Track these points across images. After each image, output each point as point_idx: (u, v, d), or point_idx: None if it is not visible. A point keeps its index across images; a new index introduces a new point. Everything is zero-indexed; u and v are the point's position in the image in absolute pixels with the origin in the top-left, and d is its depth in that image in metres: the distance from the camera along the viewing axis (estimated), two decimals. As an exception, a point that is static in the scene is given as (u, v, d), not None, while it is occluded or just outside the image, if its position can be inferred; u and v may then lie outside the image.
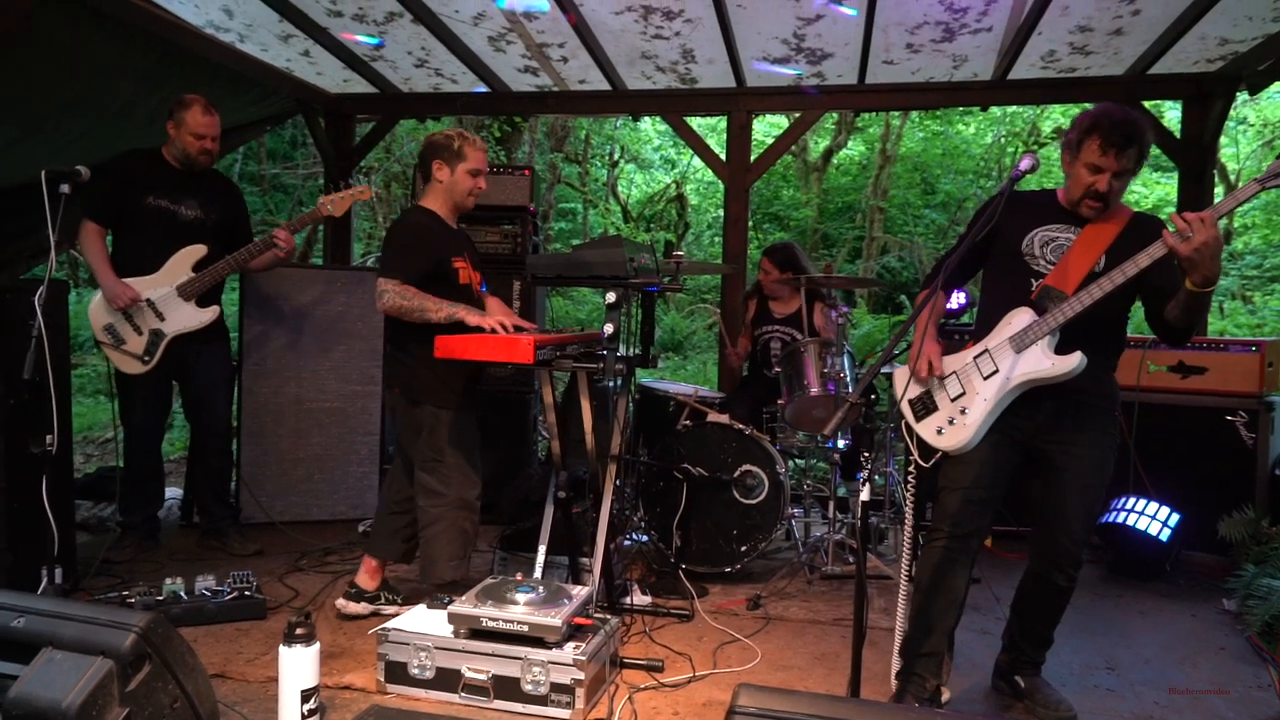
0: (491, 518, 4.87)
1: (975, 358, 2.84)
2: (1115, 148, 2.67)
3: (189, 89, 4.38)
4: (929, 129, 13.06)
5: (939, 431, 2.83)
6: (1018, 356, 2.74)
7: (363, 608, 3.62)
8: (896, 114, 11.55)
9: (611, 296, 3.15)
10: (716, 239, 14.00)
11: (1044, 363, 2.69)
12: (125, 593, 3.45)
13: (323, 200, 4.15)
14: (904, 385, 2.95)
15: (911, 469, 2.92)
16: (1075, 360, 2.65)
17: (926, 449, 2.86)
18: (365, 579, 3.66)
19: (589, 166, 13.85)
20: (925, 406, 2.90)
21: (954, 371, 2.86)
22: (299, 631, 2.62)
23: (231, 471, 4.64)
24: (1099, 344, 2.76)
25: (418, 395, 3.47)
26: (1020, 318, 2.78)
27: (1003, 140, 12.06)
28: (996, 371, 2.77)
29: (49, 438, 3.03)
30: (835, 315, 4.35)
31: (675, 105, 5.82)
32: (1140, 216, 2.85)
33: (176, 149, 4.21)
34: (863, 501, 2.59)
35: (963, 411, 2.80)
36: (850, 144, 13.28)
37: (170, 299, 4.13)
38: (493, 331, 3.20)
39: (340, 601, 3.64)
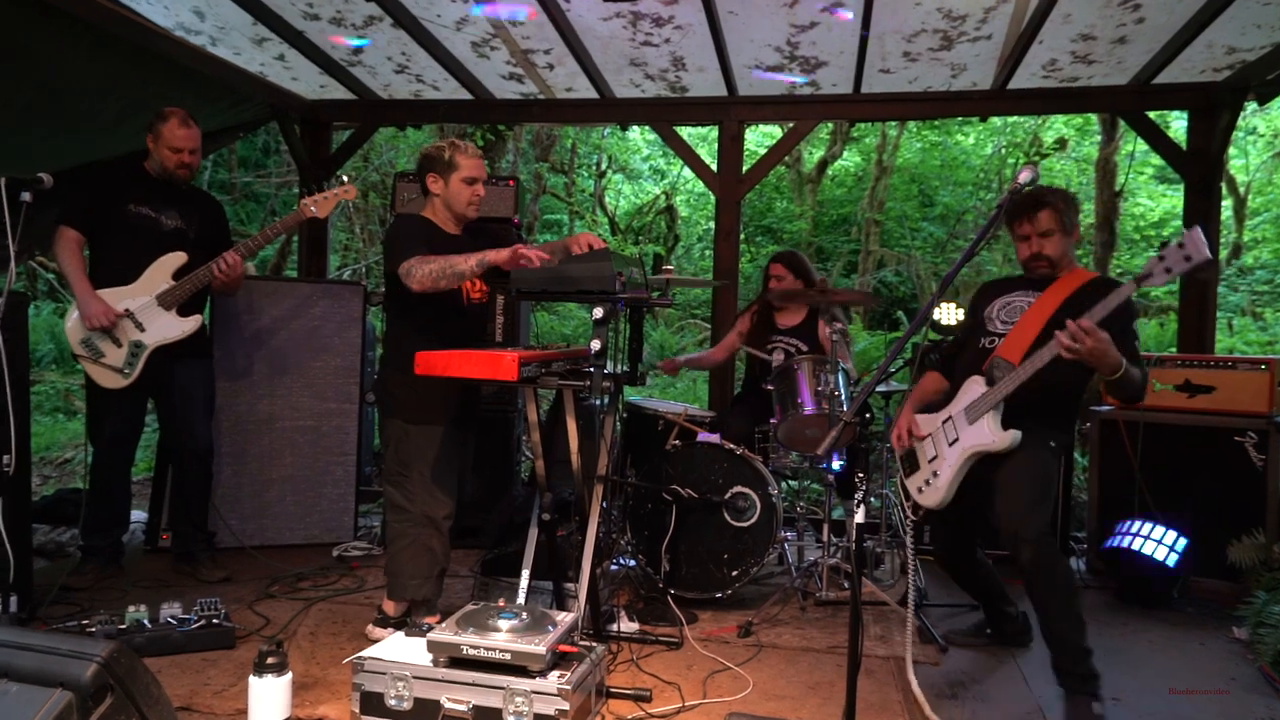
0: (473, 541, 4.86)
1: (943, 423, 3.34)
2: (1024, 215, 3.33)
3: (157, 94, 4.39)
4: (927, 139, 13.15)
5: (919, 490, 3.37)
6: (970, 427, 3.23)
7: (389, 633, 3.61)
8: (893, 124, 11.63)
9: (599, 312, 3.15)
10: (707, 252, 14.02)
11: (986, 437, 3.20)
12: (85, 621, 3.41)
13: (305, 202, 4.15)
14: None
15: (910, 516, 3.39)
16: (1009, 438, 3.16)
17: (917, 503, 3.40)
18: (391, 604, 3.66)
19: (575, 176, 13.88)
20: (912, 463, 3.44)
21: (929, 434, 3.38)
22: (270, 661, 2.60)
23: (209, 495, 4.61)
24: (1041, 415, 3.23)
25: (387, 407, 3.54)
26: (973, 388, 3.28)
27: (1003, 151, 12.14)
28: (957, 440, 3.27)
29: (6, 458, 3.03)
30: (831, 332, 4.37)
31: (665, 114, 5.86)
32: (1096, 283, 3.28)
33: (155, 163, 4.22)
34: (857, 524, 2.62)
35: (935, 474, 3.31)
36: (845, 155, 13.36)
37: (150, 308, 4.12)
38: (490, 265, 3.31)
39: (369, 627, 3.67)
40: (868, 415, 4.44)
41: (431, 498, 3.46)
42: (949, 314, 4.81)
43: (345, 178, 4.21)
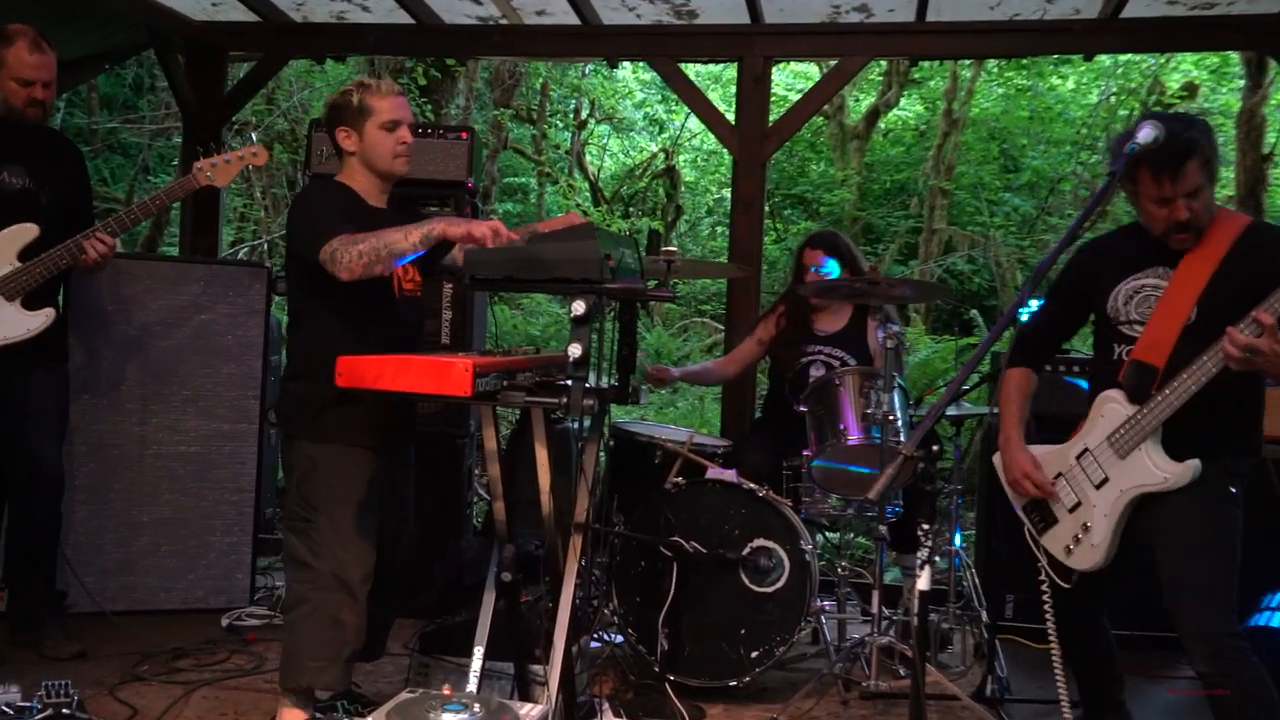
0: (409, 608, 4.84)
1: (1078, 458, 3.28)
2: (1169, 172, 3.05)
3: (-6, 12, 4.37)
4: (1011, 84, 13.19)
5: (1068, 550, 3.29)
6: (1123, 463, 3.16)
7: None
8: (967, 64, 11.67)
9: (580, 307, 3.15)
10: (720, 229, 14.04)
11: (1155, 475, 3.11)
12: (-106, 710, 3.41)
13: (199, 166, 4.14)
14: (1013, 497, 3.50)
15: (1045, 585, 3.35)
16: (1188, 471, 3.06)
17: (1060, 565, 3.31)
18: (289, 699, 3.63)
19: (547, 128, 13.89)
20: (1044, 517, 3.38)
21: (1061, 474, 3.32)
22: (140, 764, 2.60)
23: (58, 543, 4.59)
24: (1213, 438, 3.11)
25: (291, 425, 3.53)
26: (1111, 408, 3.21)
27: (1112, 100, 12.19)
28: (1107, 480, 3.20)
29: None
30: (883, 336, 4.38)
31: (667, 47, 5.87)
32: (1251, 235, 3.15)
33: None
34: (921, 591, 2.62)
35: (1085, 528, 3.24)
36: (904, 103, 13.40)
37: None
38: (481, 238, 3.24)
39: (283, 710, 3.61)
40: (934, 448, 4.44)
41: (344, 551, 3.42)
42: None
43: (254, 136, 4.22)
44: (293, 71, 10.21)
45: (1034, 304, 4.85)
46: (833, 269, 4.97)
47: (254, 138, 4.19)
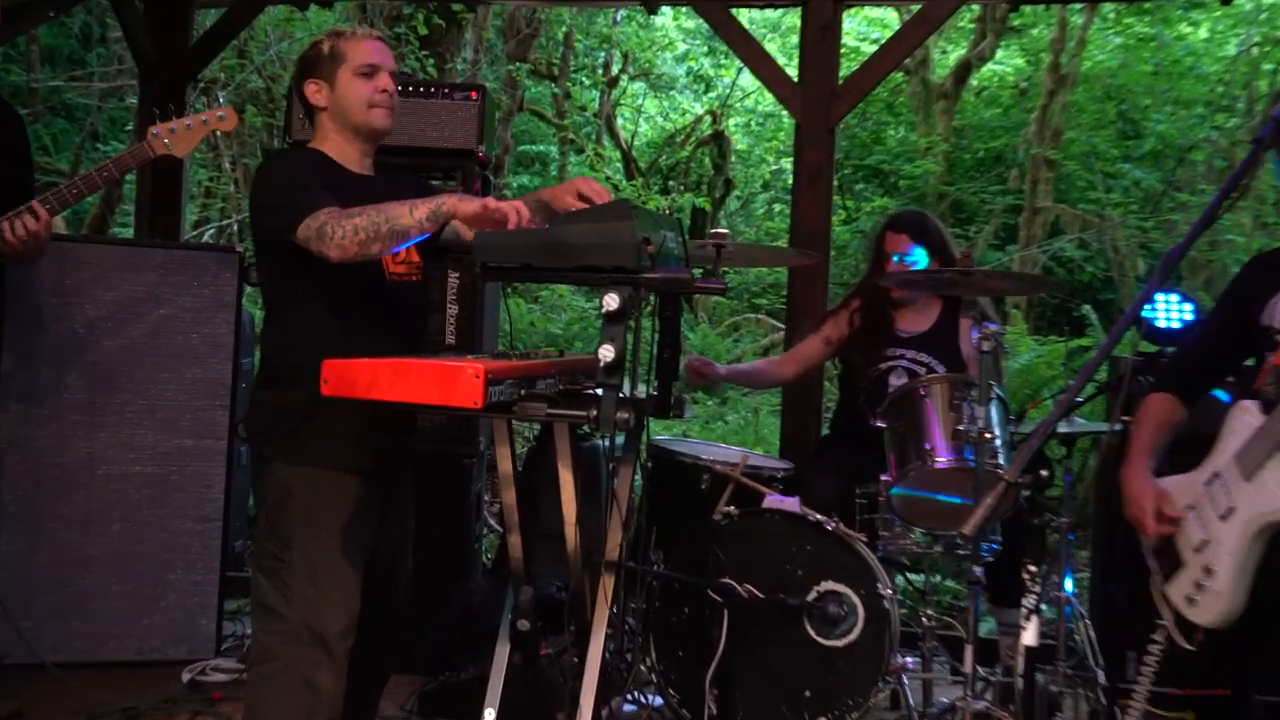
0: (407, 663, 4.84)
1: (1207, 484, 3.20)
2: None
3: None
4: (1131, 32, 13.14)
5: (1189, 600, 3.17)
6: (1248, 485, 3.06)
7: None
8: (1078, 8, 11.62)
9: (613, 301, 3.13)
10: (779, 208, 14.07)
11: (1276, 498, 2.98)
12: None
13: (156, 130, 4.13)
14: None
15: (1156, 642, 3.28)
16: None
17: (1187, 621, 3.20)
18: None
19: (571, 86, 13.93)
20: (1170, 560, 3.27)
21: (1191, 506, 3.23)
22: None
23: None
24: None
25: (263, 442, 3.52)
26: (1244, 421, 3.14)
27: (1254, 51, 12.11)
28: (1233, 510, 3.08)
29: None
30: (978, 337, 4.35)
31: (717, -12, 5.87)
32: None
33: None
34: (1026, 647, 2.59)
35: (1208, 572, 3.10)
36: (1000, 55, 13.36)
37: None
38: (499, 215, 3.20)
39: None
40: (1042, 473, 4.40)
41: (321, 598, 3.39)
42: (1172, 311, 4.77)
43: (222, 97, 4.21)
44: (269, 20, 10.24)
45: (1160, 298, 4.84)
46: (920, 258, 4.91)
47: (222, 98, 4.20)
